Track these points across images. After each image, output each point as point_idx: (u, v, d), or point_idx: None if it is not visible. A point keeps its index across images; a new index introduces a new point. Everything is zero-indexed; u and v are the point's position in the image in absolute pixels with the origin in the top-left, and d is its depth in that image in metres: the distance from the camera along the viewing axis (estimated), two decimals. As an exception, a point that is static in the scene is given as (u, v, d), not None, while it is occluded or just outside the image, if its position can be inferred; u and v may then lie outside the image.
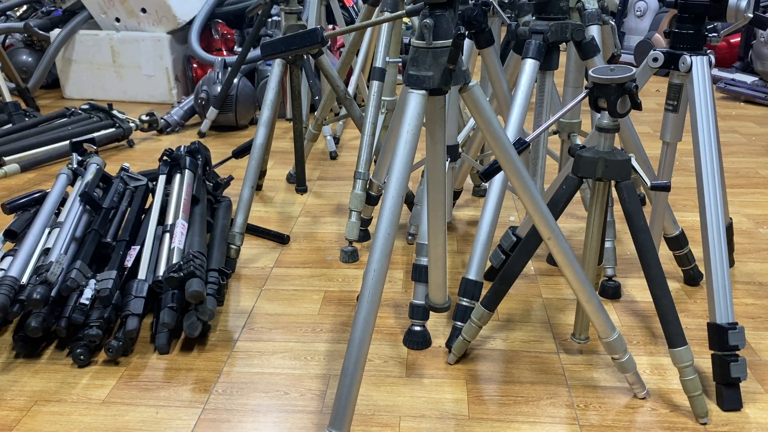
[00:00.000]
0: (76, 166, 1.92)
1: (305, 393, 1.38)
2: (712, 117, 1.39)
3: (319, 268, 1.90)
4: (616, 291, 1.72)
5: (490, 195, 1.50)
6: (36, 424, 1.29)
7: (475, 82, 1.09)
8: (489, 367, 1.45)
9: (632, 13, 4.73)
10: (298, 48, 1.07)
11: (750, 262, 1.91)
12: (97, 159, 1.95)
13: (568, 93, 1.82)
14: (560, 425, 1.28)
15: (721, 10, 1.37)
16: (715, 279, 1.33)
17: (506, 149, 1.13)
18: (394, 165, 1.06)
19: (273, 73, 1.90)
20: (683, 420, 1.29)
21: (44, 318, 1.43)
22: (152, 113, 3.14)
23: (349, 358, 1.07)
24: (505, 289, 1.38)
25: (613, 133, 1.24)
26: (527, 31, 1.52)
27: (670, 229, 1.71)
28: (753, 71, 3.91)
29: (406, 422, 1.29)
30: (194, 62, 3.69)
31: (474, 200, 2.37)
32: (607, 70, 1.18)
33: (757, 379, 1.40)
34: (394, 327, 1.61)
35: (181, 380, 1.41)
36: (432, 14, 1.02)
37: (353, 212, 1.92)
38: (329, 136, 2.90)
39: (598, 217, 1.33)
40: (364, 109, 2.01)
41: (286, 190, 2.50)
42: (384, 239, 1.06)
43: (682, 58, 1.41)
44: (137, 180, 1.91)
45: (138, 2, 3.60)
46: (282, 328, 1.60)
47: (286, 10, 1.94)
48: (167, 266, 1.56)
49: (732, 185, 2.47)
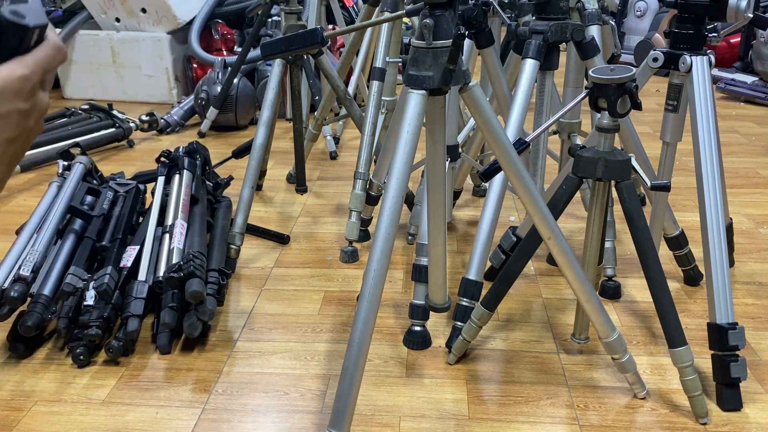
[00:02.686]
0: (61, 171, 1.92)
1: (305, 393, 1.38)
2: (712, 117, 1.39)
3: (319, 268, 1.90)
4: (616, 291, 1.72)
5: (490, 195, 1.50)
6: (36, 424, 1.29)
7: (475, 82, 1.08)
8: (489, 367, 1.45)
9: (632, 13, 4.73)
10: (298, 48, 1.07)
11: (750, 262, 1.91)
12: (82, 158, 1.94)
13: (568, 93, 1.82)
14: (560, 425, 1.28)
15: (721, 10, 1.37)
16: (715, 279, 1.33)
17: (506, 149, 1.13)
18: (394, 165, 1.06)
19: (273, 73, 1.90)
20: (683, 420, 1.29)
21: (40, 316, 1.43)
22: (152, 113, 3.14)
23: (349, 358, 1.07)
24: (505, 289, 1.38)
25: (613, 133, 1.24)
26: (527, 31, 1.52)
27: (670, 229, 1.71)
28: (753, 71, 3.91)
29: (406, 422, 1.29)
30: (194, 62, 3.69)
31: (474, 200, 2.37)
32: (607, 70, 1.18)
33: (757, 379, 1.40)
34: (394, 327, 1.61)
35: (181, 380, 1.41)
36: (432, 14, 1.02)
37: (353, 212, 1.92)
38: (329, 136, 2.90)
39: (598, 217, 1.33)
40: (364, 109, 2.01)
41: (286, 190, 2.50)
42: (384, 239, 1.06)
43: (682, 58, 1.41)
44: (126, 185, 1.91)
45: (138, 2, 3.60)
46: (282, 328, 1.60)
47: (286, 10, 1.94)
48: (167, 266, 1.56)
49: (732, 185, 2.47)
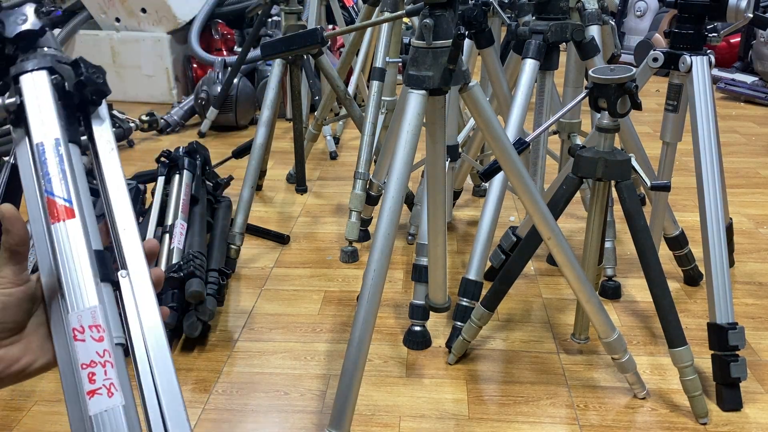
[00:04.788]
0: None
1: (305, 393, 1.38)
2: (712, 117, 1.39)
3: (319, 268, 1.90)
4: (616, 291, 1.72)
5: (490, 195, 1.50)
6: (36, 424, 1.29)
7: (475, 82, 1.08)
8: (489, 367, 1.45)
9: (632, 13, 4.73)
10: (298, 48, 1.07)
11: (750, 262, 1.91)
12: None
13: (568, 93, 1.82)
14: (560, 425, 1.28)
15: (721, 10, 1.37)
16: (715, 279, 1.33)
17: (506, 149, 1.13)
18: (394, 165, 1.06)
19: (273, 73, 1.90)
20: (683, 420, 1.29)
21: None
22: (152, 113, 3.14)
23: (349, 358, 1.07)
24: (505, 289, 1.38)
25: (613, 133, 1.24)
26: (527, 31, 1.52)
27: (670, 229, 1.71)
28: (753, 71, 3.91)
29: (406, 422, 1.29)
30: (194, 62, 3.69)
31: (474, 200, 2.37)
32: (607, 70, 1.18)
33: (757, 379, 1.40)
34: (394, 327, 1.61)
35: (181, 380, 1.41)
36: (432, 14, 1.02)
37: (353, 212, 1.92)
38: (329, 136, 2.90)
39: (598, 217, 1.33)
40: (364, 109, 2.01)
41: (286, 190, 2.50)
42: (384, 239, 1.06)
43: (682, 58, 1.41)
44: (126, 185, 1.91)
45: (138, 2, 3.60)
46: (282, 328, 1.60)
47: (286, 10, 1.94)
48: (167, 266, 1.56)
49: (732, 185, 2.47)
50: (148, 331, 0.52)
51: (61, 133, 0.56)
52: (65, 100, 0.59)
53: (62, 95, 0.59)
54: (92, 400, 0.47)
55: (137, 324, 0.52)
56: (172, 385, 0.51)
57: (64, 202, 0.53)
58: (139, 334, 0.52)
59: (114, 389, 0.48)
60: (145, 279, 0.54)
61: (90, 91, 0.58)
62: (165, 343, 0.52)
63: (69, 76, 0.58)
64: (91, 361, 0.48)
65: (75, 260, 0.51)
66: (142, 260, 0.55)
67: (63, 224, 0.52)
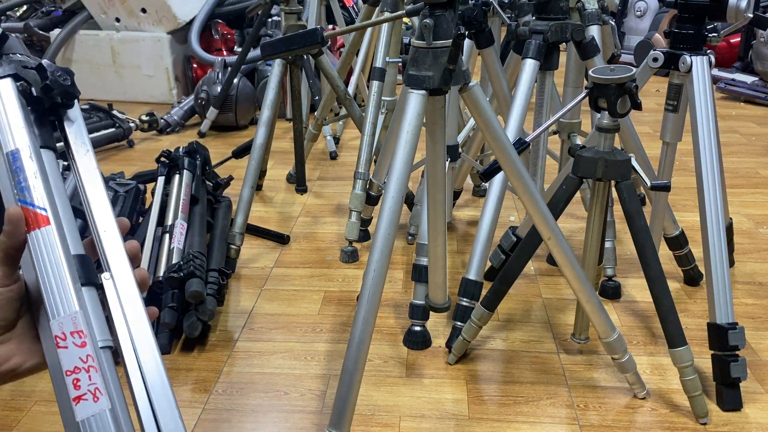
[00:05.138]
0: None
1: (305, 393, 1.38)
2: (712, 117, 1.39)
3: (319, 268, 1.90)
4: (616, 291, 1.72)
5: (490, 195, 1.50)
6: (36, 424, 1.29)
7: (475, 82, 1.08)
8: (489, 367, 1.45)
9: (632, 13, 4.73)
10: (298, 48, 1.07)
11: (750, 262, 1.91)
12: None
13: (568, 93, 1.82)
14: (560, 425, 1.28)
15: (721, 10, 1.37)
16: (715, 279, 1.33)
17: (506, 149, 1.13)
18: (394, 165, 1.06)
19: (273, 73, 1.90)
20: (683, 420, 1.29)
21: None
22: (152, 113, 3.14)
23: (349, 358, 1.07)
24: (505, 289, 1.38)
25: (613, 133, 1.24)
26: (527, 31, 1.52)
27: (670, 229, 1.71)
28: (753, 71, 3.91)
29: (406, 422, 1.29)
30: (194, 62, 3.69)
31: (474, 200, 2.37)
32: (607, 70, 1.18)
33: (757, 379, 1.40)
34: (394, 327, 1.61)
35: (181, 380, 1.41)
36: (432, 14, 1.02)
37: (353, 212, 1.92)
38: (329, 136, 2.90)
39: (598, 217, 1.33)
40: (364, 109, 2.01)
41: (286, 190, 2.50)
42: (384, 239, 1.06)
43: (682, 58, 1.41)
44: (126, 185, 1.91)
45: (138, 2, 3.60)
46: (282, 328, 1.60)
47: (286, 10, 1.94)
48: (167, 266, 1.56)
49: (732, 185, 2.47)
50: (136, 332, 0.52)
51: (30, 140, 0.55)
52: (34, 105, 0.58)
53: (30, 101, 0.58)
54: (78, 405, 0.47)
55: (124, 326, 0.52)
56: (162, 384, 0.51)
57: (38, 210, 0.53)
58: (126, 336, 0.51)
59: (99, 393, 0.48)
60: (129, 280, 0.53)
61: (58, 94, 0.58)
62: (153, 343, 0.52)
63: (35, 81, 0.57)
64: (74, 368, 0.48)
65: (53, 267, 0.51)
66: (125, 261, 0.54)
67: (38, 232, 0.52)
